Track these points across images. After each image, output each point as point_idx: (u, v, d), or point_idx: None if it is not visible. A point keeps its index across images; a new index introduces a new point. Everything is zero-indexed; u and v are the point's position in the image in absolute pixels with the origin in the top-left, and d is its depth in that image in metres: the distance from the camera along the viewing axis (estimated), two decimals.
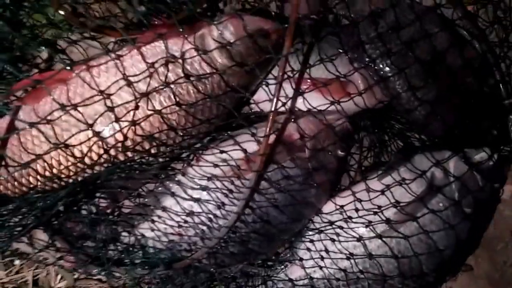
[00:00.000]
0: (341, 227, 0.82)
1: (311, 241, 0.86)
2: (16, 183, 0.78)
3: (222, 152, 0.77)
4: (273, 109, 0.70)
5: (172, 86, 0.74)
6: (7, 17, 0.90)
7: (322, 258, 0.85)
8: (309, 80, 0.81)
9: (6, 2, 0.88)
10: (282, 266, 0.93)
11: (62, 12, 0.90)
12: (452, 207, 0.79)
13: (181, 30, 0.73)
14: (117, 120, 0.69)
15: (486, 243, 0.89)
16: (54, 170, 0.76)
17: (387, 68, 0.81)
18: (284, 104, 0.72)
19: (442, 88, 0.83)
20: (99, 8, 0.95)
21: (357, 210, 0.81)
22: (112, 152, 0.75)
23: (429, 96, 0.81)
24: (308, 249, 0.88)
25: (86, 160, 0.74)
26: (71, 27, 0.85)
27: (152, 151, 0.78)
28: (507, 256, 0.91)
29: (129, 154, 0.77)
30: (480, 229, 0.89)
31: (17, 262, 1.09)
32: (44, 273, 1.08)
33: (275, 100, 0.69)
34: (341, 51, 0.77)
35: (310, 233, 0.87)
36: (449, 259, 0.83)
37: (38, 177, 0.78)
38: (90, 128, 0.66)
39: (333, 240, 0.83)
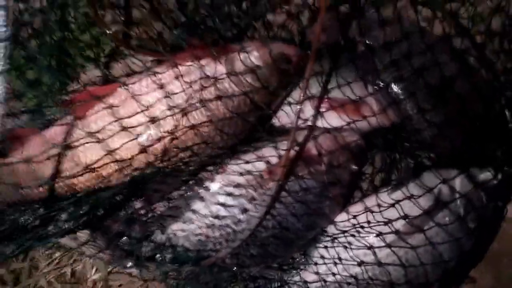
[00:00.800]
0: (353, 235, 0.89)
1: (325, 247, 0.93)
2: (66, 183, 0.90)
3: (247, 162, 0.87)
4: (294, 126, 0.79)
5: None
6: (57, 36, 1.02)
7: (335, 263, 0.92)
8: (327, 100, 0.89)
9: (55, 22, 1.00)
10: (297, 271, 1.00)
11: (108, 31, 1.02)
12: (457, 222, 0.85)
13: (214, 53, 0.84)
14: (162, 137, 0.80)
15: (490, 258, 0.94)
16: (101, 173, 0.86)
17: (399, 92, 0.89)
18: (304, 122, 0.81)
19: (452, 112, 0.89)
20: (137, 30, 1.07)
21: (368, 222, 0.89)
22: (151, 159, 0.86)
23: (437, 119, 0.88)
24: (322, 257, 0.95)
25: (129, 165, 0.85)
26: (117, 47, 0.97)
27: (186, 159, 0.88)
28: (509, 271, 0.96)
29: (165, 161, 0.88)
30: (484, 243, 0.94)
31: (57, 254, 1.20)
32: (81, 266, 1.19)
33: (296, 118, 0.78)
34: (356, 73, 0.86)
35: (325, 239, 0.94)
36: (453, 270, 0.88)
37: (85, 179, 0.89)
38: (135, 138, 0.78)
39: (345, 247, 0.90)
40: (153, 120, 0.82)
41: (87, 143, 0.82)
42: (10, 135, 0.90)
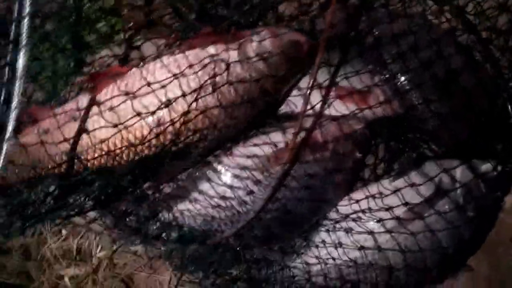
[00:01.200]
0: (354, 221, 0.92)
1: (327, 231, 0.96)
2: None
3: (255, 145, 0.89)
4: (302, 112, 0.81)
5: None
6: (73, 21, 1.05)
7: (335, 247, 0.94)
8: (335, 89, 0.92)
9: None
10: (298, 254, 1.03)
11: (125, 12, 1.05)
12: (456, 210, 0.88)
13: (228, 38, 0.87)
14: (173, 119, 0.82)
15: (488, 247, 0.97)
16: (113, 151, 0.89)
17: (405, 83, 0.91)
18: (312, 108, 0.83)
19: (457, 106, 0.92)
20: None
21: (370, 209, 0.91)
22: (162, 139, 0.88)
23: (442, 110, 0.90)
24: (323, 241, 0.98)
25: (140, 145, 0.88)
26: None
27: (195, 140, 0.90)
28: (507, 259, 0.99)
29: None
30: (482, 232, 0.97)
31: (63, 231, 1.23)
32: (87, 243, 1.21)
33: (304, 105, 0.81)
34: (364, 64, 0.88)
35: (327, 224, 0.97)
36: (451, 257, 0.91)
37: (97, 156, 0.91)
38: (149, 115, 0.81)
39: (346, 232, 0.93)
40: (169, 103, 0.84)
41: (103, 127, 0.84)
42: (25, 113, 0.93)
